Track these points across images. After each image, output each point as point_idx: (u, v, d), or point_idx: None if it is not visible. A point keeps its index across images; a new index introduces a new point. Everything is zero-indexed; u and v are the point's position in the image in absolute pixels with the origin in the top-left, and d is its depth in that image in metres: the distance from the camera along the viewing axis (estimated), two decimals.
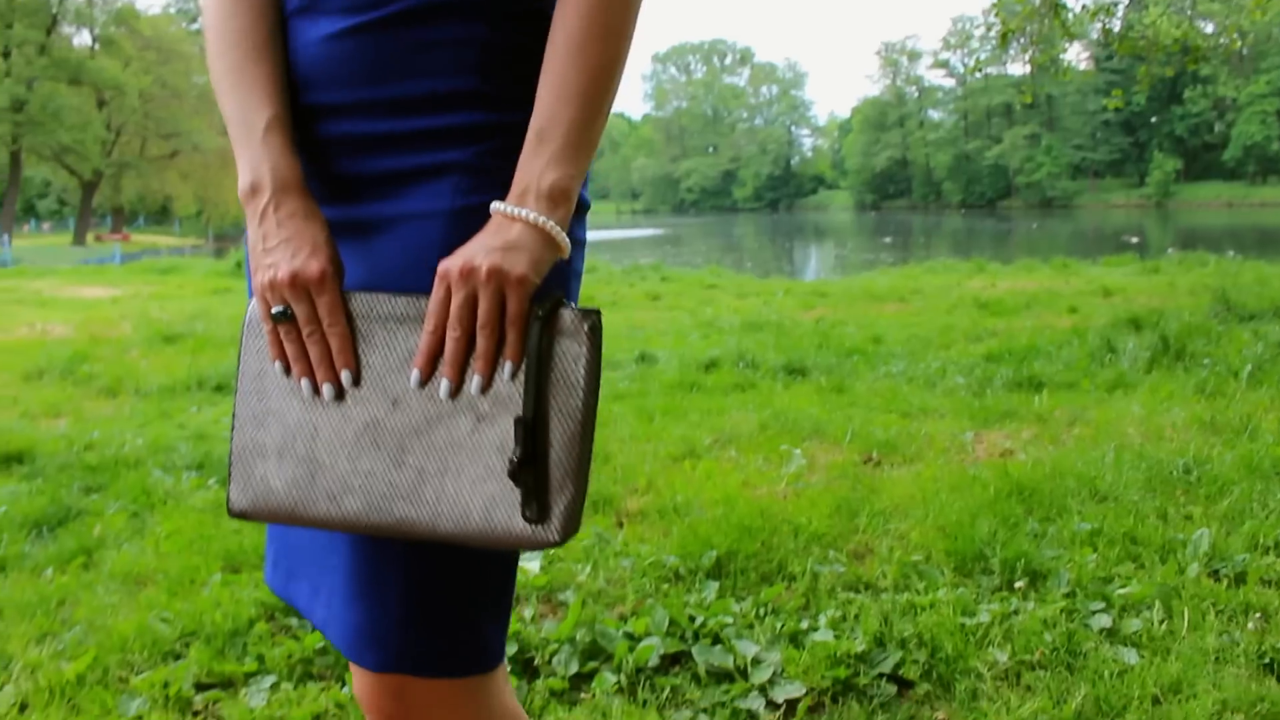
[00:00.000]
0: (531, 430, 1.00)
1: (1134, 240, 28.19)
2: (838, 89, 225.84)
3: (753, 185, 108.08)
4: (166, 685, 2.43)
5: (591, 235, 1.24)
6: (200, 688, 2.46)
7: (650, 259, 19.09)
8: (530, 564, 2.92)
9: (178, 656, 2.59)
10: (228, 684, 2.48)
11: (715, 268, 18.27)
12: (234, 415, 1.10)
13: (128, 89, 41.42)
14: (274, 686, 2.41)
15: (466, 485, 1.01)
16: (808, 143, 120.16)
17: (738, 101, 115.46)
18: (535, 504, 1.00)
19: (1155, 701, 2.37)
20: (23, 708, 2.42)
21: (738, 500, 3.27)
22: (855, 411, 5.04)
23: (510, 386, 1.02)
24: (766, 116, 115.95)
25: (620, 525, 3.33)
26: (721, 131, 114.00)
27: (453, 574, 1.12)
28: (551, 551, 3.09)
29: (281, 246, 1.05)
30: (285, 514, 1.06)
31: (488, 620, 1.15)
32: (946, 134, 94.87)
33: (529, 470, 0.99)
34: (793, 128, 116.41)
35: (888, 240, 37.31)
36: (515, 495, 1.00)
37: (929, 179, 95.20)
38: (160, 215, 56.21)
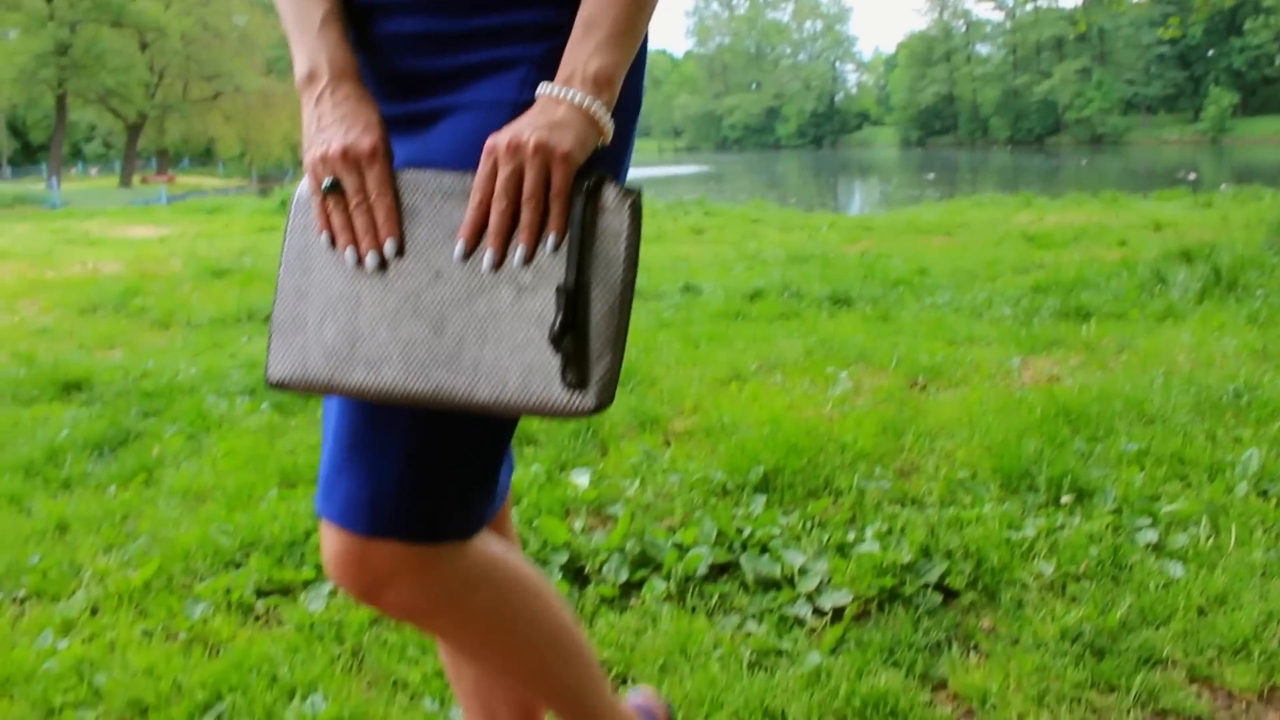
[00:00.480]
0: (573, 300, 1.02)
1: (1190, 176, 27.57)
2: (883, 24, 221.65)
3: (796, 122, 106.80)
4: (229, 591, 2.51)
5: (633, 173, 1.28)
6: (260, 594, 2.54)
7: (693, 195, 18.99)
8: (580, 479, 2.97)
9: (238, 565, 2.67)
10: (286, 590, 2.55)
11: (759, 202, 18.15)
12: (276, 290, 1.13)
13: (169, 30, 41.51)
14: (332, 593, 2.48)
15: (505, 353, 1.04)
16: (852, 79, 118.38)
17: (781, 37, 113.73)
18: (575, 371, 1.03)
19: (1200, 612, 2.38)
20: (94, 611, 2.51)
21: (784, 420, 3.30)
22: (901, 339, 5.03)
23: (552, 260, 1.04)
24: (810, 52, 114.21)
25: (668, 444, 3.37)
26: (765, 68, 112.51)
27: (449, 444, 1.15)
28: (600, 468, 3.14)
29: (335, 125, 1.08)
30: (323, 383, 1.09)
31: (476, 490, 1.18)
32: (994, 69, 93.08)
33: (569, 338, 1.02)
34: (837, 63, 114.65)
35: (932, 176, 36.82)
36: (553, 365, 1.03)
37: (975, 115, 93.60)
38: (204, 157, 56.56)
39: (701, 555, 2.45)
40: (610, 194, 1.05)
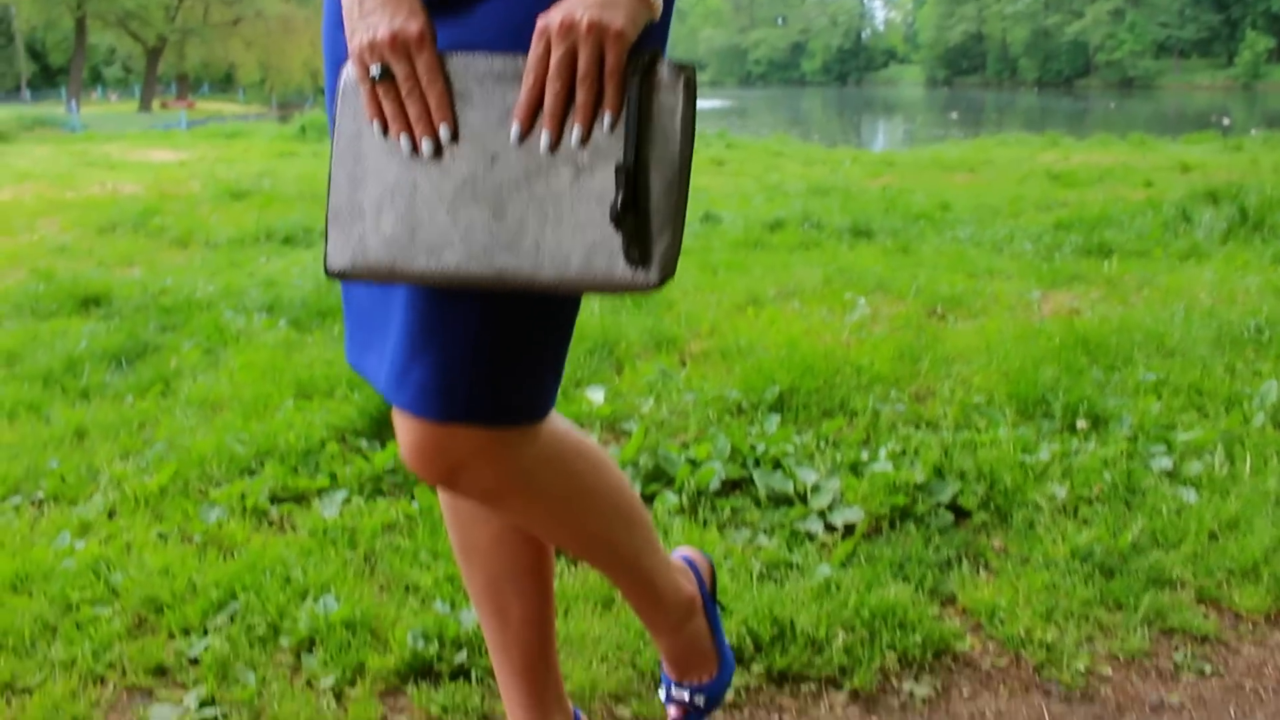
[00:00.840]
0: (632, 178, 1.02)
1: (1224, 121, 27.07)
2: None
3: (822, 58, 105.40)
4: (244, 497, 2.54)
5: None
6: (275, 500, 2.56)
7: (715, 129, 18.81)
8: (595, 395, 2.98)
9: (253, 473, 2.69)
10: (301, 498, 2.57)
11: (782, 136, 17.98)
12: (329, 180, 1.12)
13: None
14: (346, 500, 2.51)
15: (567, 233, 1.04)
16: (880, 15, 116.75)
17: None
18: (638, 248, 1.03)
19: (1211, 536, 2.38)
20: (110, 514, 2.54)
21: (800, 343, 3.29)
22: (920, 270, 5.00)
23: (609, 138, 1.04)
24: None
25: (683, 364, 3.36)
26: (791, 2, 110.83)
27: (518, 326, 1.15)
28: (615, 385, 3.14)
29: (379, 10, 1.07)
30: (384, 270, 1.09)
31: (548, 370, 1.21)
32: (1025, 7, 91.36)
33: (630, 215, 1.02)
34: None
35: (955, 116, 36.34)
36: (614, 242, 1.04)
37: (1004, 55, 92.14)
38: (224, 83, 56.21)
39: (714, 470, 2.46)
40: (664, 70, 1.05)
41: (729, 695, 1.86)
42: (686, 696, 1.57)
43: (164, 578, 2.19)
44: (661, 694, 1.61)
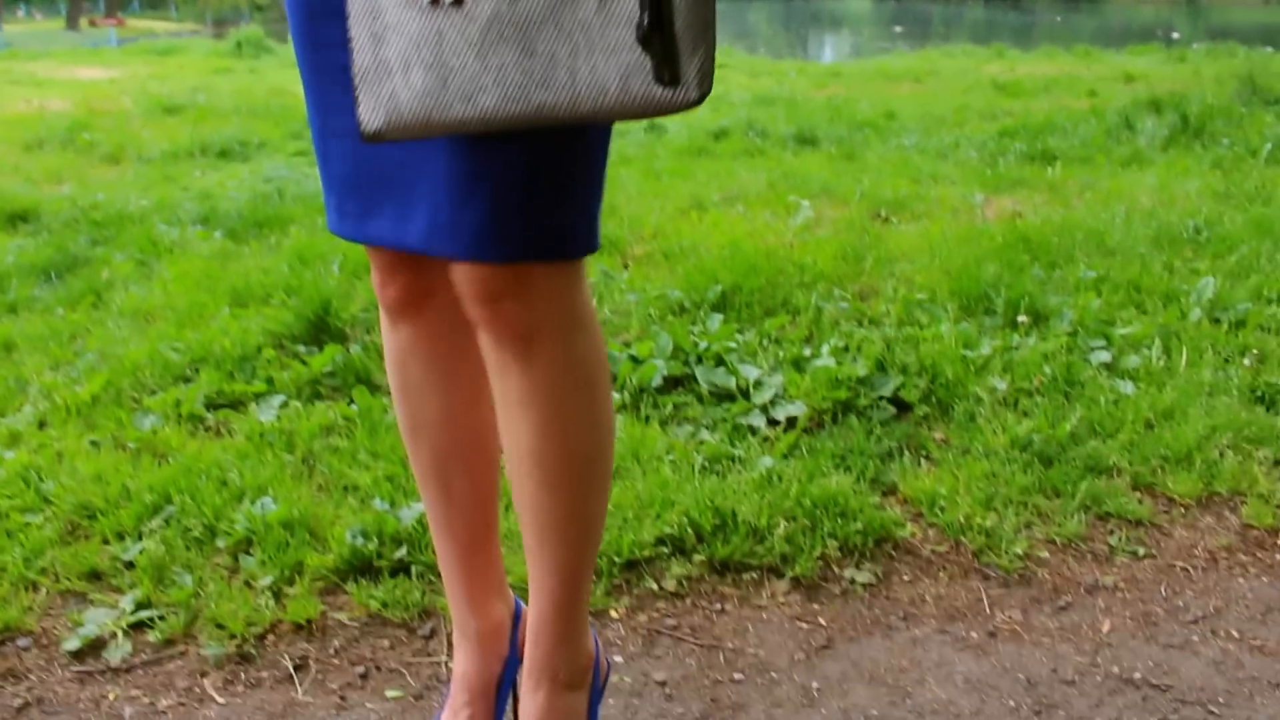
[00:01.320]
0: None
1: (1174, 35, 27.10)
2: None
3: None
4: (178, 404, 2.48)
5: None
6: (211, 406, 2.51)
7: None
8: None
9: (188, 380, 2.64)
10: (238, 404, 2.53)
11: (727, 49, 17.74)
12: (349, 40, 1.08)
13: None
14: (283, 404, 2.46)
15: (599, 61, 1.02)
16: None
17: None
18: (667, 68, 1.00)
19: (1148, 426, 2.41)
20: (41, 425, 2.48)
21: (744, 244, 3.26)
22: (865, 176, 4.98)
23: None
24: None
25: (625, 267, 3.33)
26: None
27: (562, 157, 1.15)
28: None
29: None
30: (419, 125, 1.06)
31: (594, 203, 1.21)
32: None
33: (656, 36, 1.00)
34: None
35: (900, 30, 36.09)
36: (649, 64, 1.01)
37: None
38: (156, 0, 54.45)
39: (656, 367, 2.44)
40: None
41: (670, 584, 1.87)
42: None
43: (97, 484, 2.14)
44: None
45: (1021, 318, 2.85)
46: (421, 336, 1.35)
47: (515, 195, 1.15)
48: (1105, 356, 2.72)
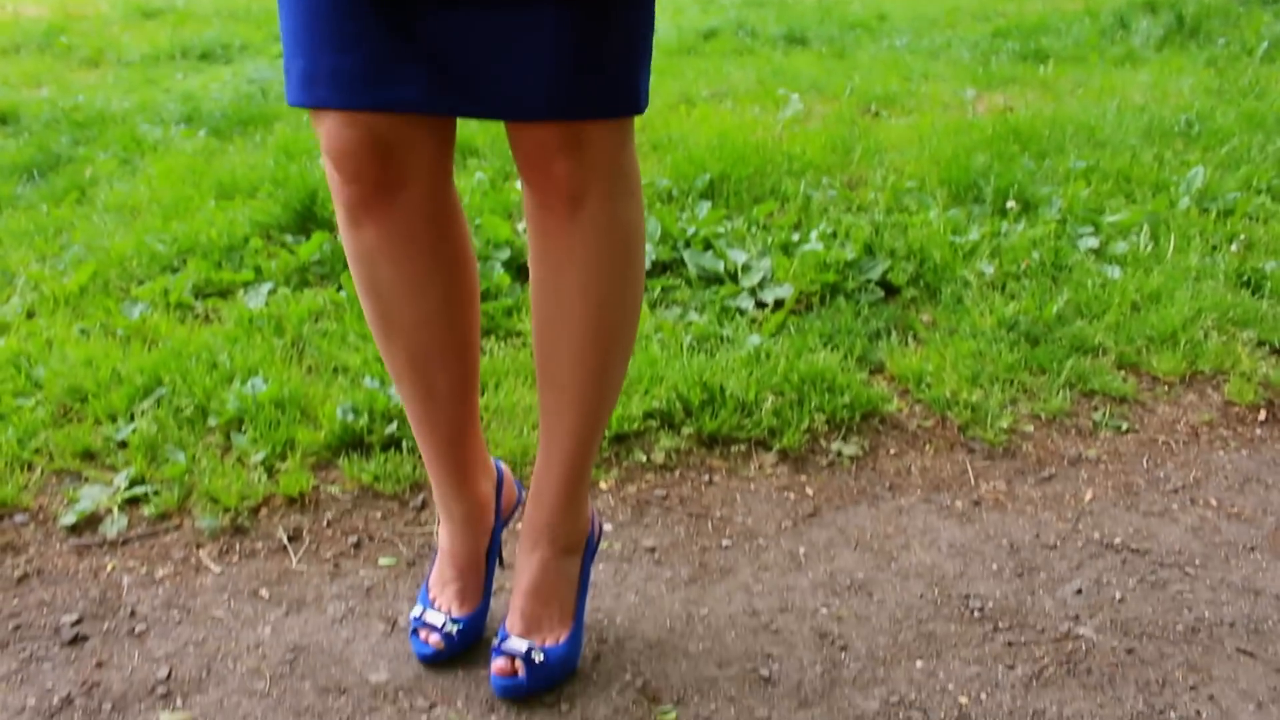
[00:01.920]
0: None
1: None
2: None
3: None
4: (166, 293, 2.48)
5: None
6: (199, 295, 2.51)
7: None
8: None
9: (176, 270, 2.63)
10: (226, 292, 2.53)
11: None
12: None
13: None
14: (271, 291, 2.46)
15: None
16: None
17: None
18: None
19: (1134, 308, 2.42)
20: (29, 315, 2.48)
21: (733, 135, 3.24)
22: (855, 74, 4.92)
23: None
24: None
25: None
26: None
27: (616, 18, 1.17)
28: None
29: None
30: None
31: (645, 63, 1.23)
32: None
33: None
34: None
35: None
36: None
37: None
38: None
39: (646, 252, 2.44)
40: None
41: (659, 457, 1.89)
42: (523, 649, 1.41)
43: (87, 368, 2.14)
44: (493, 645, 1.45)
45: (1010, 204, 2.85)
46: (390, 236, 1.27)
47: (572, 53, 1.15)
48: (1093, 243, 2.72)
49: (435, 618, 1.48)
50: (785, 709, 1.40)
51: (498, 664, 1.42)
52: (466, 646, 1.49)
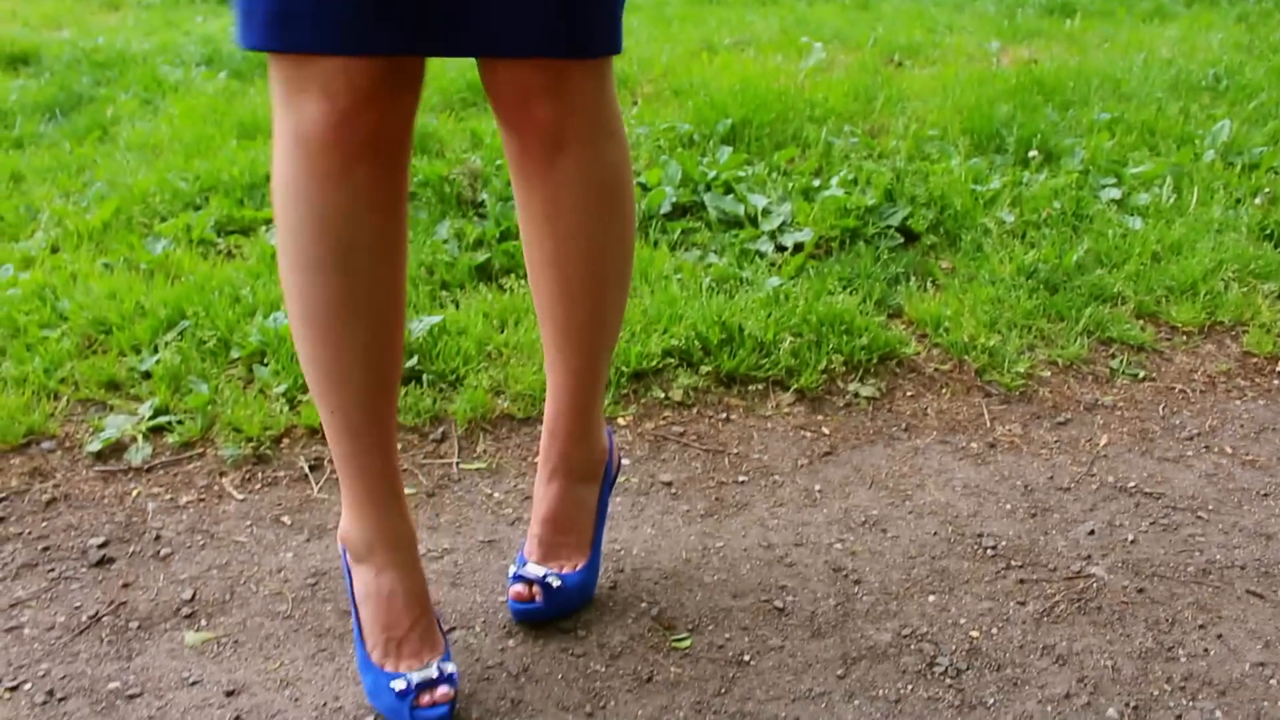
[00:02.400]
0: None
1: None
2: None
3: None
4: (189, 229, 2.50)
5: None
6: (221, 232, 2.52)
7: None
8: None
9: (198, 207, 2.64)
10: (247, 230, 2.54)
11: None
12: None
13: None
14: None
15: None
16: None
17: None
18: None
19: (1155, 258, 2.42)
20: (54, 250, 2.50)
21: (754, 82, 3.22)
22: (879, 24, 4.88)
23: None
24: None
25: (635, 103, 3.30)
26: None
27: None
28: None
29: None
30: None
31: (621, 6, 1.22)
32: None
33: None
34: None
35: None
36: None
37: None
38: None
39: (665, 194, 2.44)
40: None
41: (677, 394, 1.90)
42: (540, 574, 1.42)
43: (111, 301, 2.17)
44: (511, 571, 1.46)
45: (1032, 154, 2.83)
46: (375, 188, 1.15)
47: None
48: (1115, 194, 2.71)
49: (424, 673, 1.27)
50: (799, 639, 1.42)
51: (515, 589, 1.43)
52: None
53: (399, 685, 1.25)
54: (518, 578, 1.44)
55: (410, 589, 1.31)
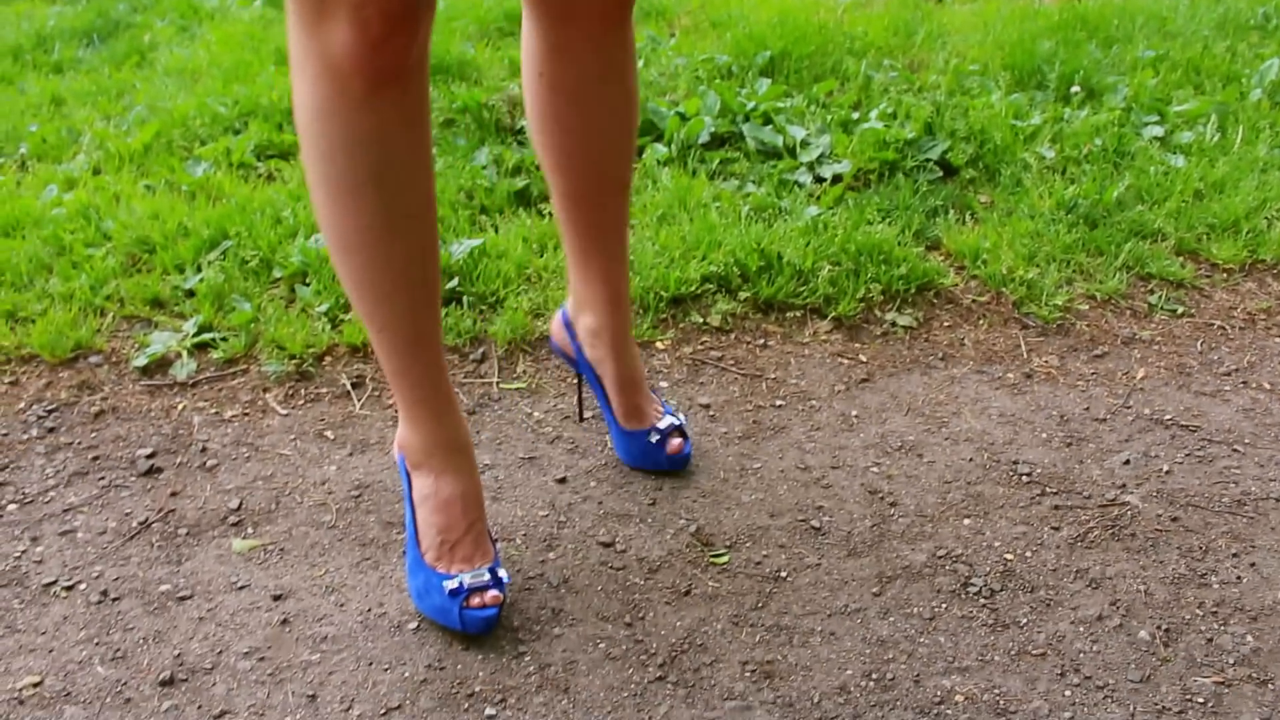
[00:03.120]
0: None
1: None
2: None
3: None
4: (229, 153, 2.51)
5: None
6: (261, 155, 2.54)
7: None
8: None
9: (237, 131, 2.66)
10: (287, 154, 2.55)
11: None
12: None
13: None
14: None
15: None
16: None
17: None
18: None
19: (1197, 195, 2.40)
20: (96, 171, 2.52)
21: (794, 15, 3.19)
22: None
23: None
24: None
25: (672, 35, 3.27)
26: None
27: None
28: None
29: None
30: None
31: None
32: None
33: None
34: None
35: None
36: None
37: None
38: None
39: (703, 124, 2.43)
40: None
41: (715, 320, 1.91)
42: (678, 422, 1.58)
43: (154, 221, 2.19)
44: (660, 428, 1.56)
45: (1075, 90, 2.80)
46: (407, 104, 1.15)
47: None
48: (1158, 131, 2.68)
49: (476, 576, 1.30)
50: (835, 557, 1.44)
51: (674, 443, 1.55)
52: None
53: (451, 585, 1.29)
54: (666, 431, 1.56)
55: (467, 493, 1.34)
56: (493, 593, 1.30)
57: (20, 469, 1.61)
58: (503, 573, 1.33)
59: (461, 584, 1.29)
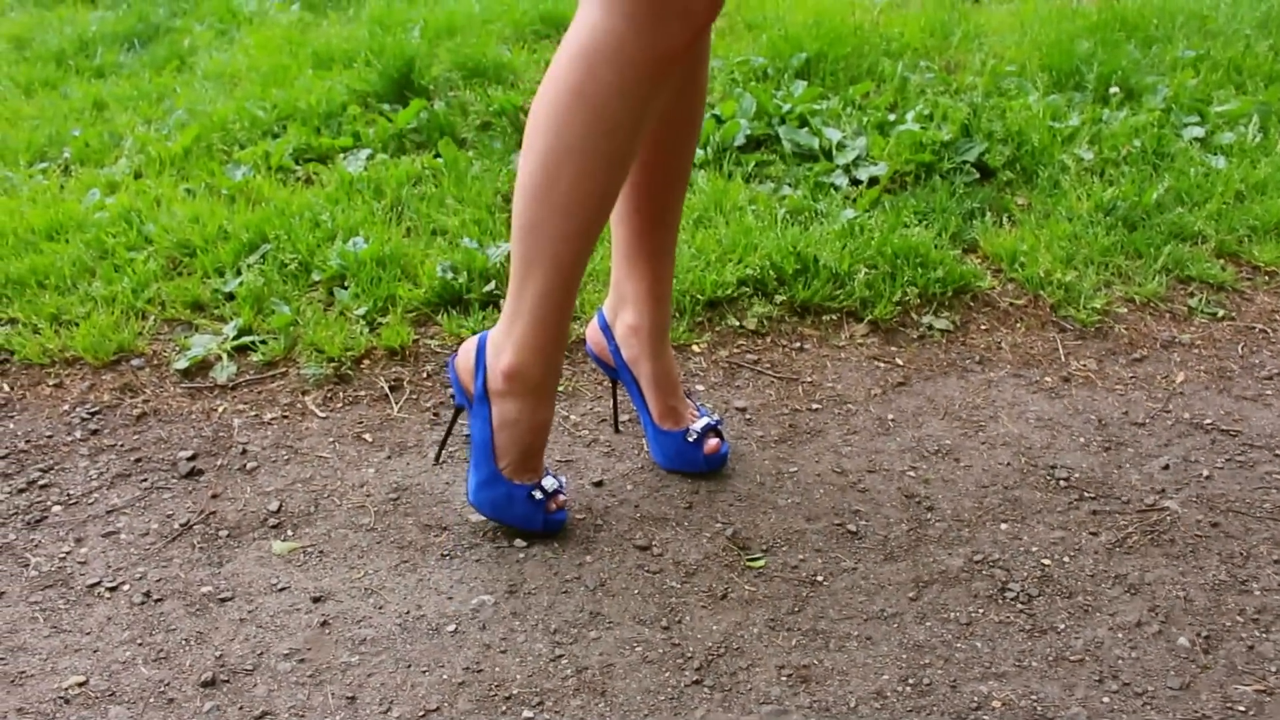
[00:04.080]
0: None
1: None
2: None
3: None
4: (268, 156, 2.53)
5: None
6: (300, 159, 2.56)
7: None
8: None
9: (276, 135, 2.68)
10: (325, 157, 2.57)
11: None
12: None
13: None
14: (370, 157, 2.50)
15: None
16: None
17: None
18: None
19: (1238, 197, 2.37)
20: (137, 175, 2.55)
21: (829, 16, 3.19)
22: None
23: None
24: None
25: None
26: None
27: None
28: None
29: None
30: None
31: None
32: None
33: None
34: None
35: None
36: None
37: None
38: None
39: (739, 125, 2.43)
40: None
41: (751, 323, 1.92)
42: (714, 422, 1.59)
43: (195, 225, 2.21)
44: (696, 429, 1.58)
45: (1113, 90, 2.78)
46: (685, 74, 1.39)
47: None
48: (1198, 132, 2.65)
49: (550, 482, 1.48)
50: (871, 561, 1.44)
51: (711, 443, 1.57)
52: None
53: (538, 493, 1.46)
54: (703, 431, 1.57)
55: (551, 417, 1.49)
56: (561, 496, 1.48)
57: (65, 470, 1.63)
58: (562, 478, 1.52)
59: (545, 490, 1.46)
